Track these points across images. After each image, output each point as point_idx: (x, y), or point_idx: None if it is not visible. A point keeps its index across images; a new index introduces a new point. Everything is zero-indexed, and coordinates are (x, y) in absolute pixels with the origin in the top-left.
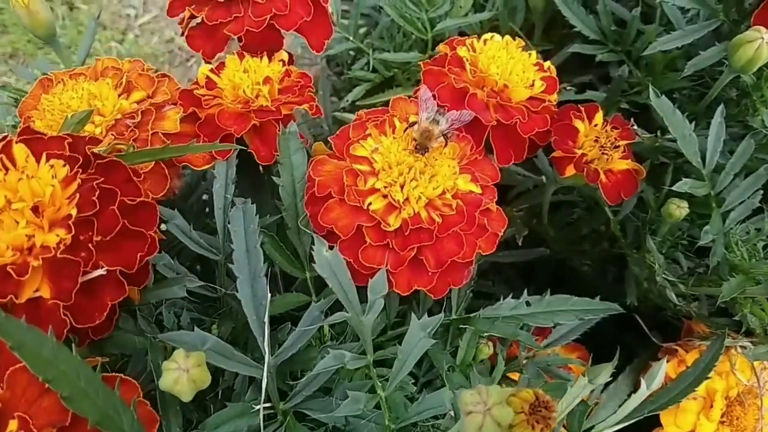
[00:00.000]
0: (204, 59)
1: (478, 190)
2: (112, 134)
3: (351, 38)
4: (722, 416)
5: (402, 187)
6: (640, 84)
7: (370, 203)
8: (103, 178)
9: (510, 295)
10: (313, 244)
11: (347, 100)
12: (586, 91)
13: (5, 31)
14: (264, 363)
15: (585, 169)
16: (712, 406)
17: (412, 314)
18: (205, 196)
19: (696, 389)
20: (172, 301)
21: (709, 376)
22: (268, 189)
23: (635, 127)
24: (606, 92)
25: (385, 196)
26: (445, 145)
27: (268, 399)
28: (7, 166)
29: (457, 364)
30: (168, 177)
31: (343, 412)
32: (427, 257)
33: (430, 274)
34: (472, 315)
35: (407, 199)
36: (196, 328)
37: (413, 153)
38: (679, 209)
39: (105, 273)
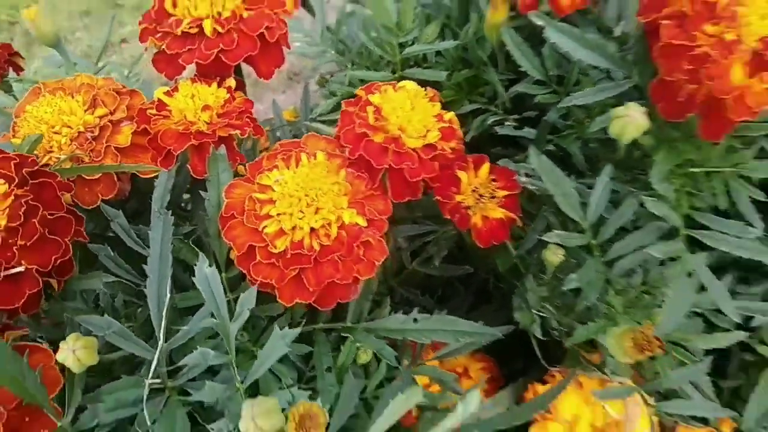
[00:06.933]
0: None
1: (363, 223)
2: (75, 144)
3: (332, 52)
4: None
5: (291, 216)
6: (573, 127)
7: (264, 227)
8: (32, 195)
9: (401, 311)
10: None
11: (316, 113)
12: (524, 128)
13: None
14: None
15: (457, 215)
16: None
17: (275, 325)
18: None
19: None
20: (109, 285)
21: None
22: None
23: (523, 179)
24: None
25: (278, 222)
26: None
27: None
28: None
29: (336, 366)
30: (116, 182)
31: (200, 397)
32: (307, 277)
33: (310, 290)
34: (355, 325)
35: (294, 227)
36: (105, 314)
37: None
38: (554, 255)
39: (23, 270)
